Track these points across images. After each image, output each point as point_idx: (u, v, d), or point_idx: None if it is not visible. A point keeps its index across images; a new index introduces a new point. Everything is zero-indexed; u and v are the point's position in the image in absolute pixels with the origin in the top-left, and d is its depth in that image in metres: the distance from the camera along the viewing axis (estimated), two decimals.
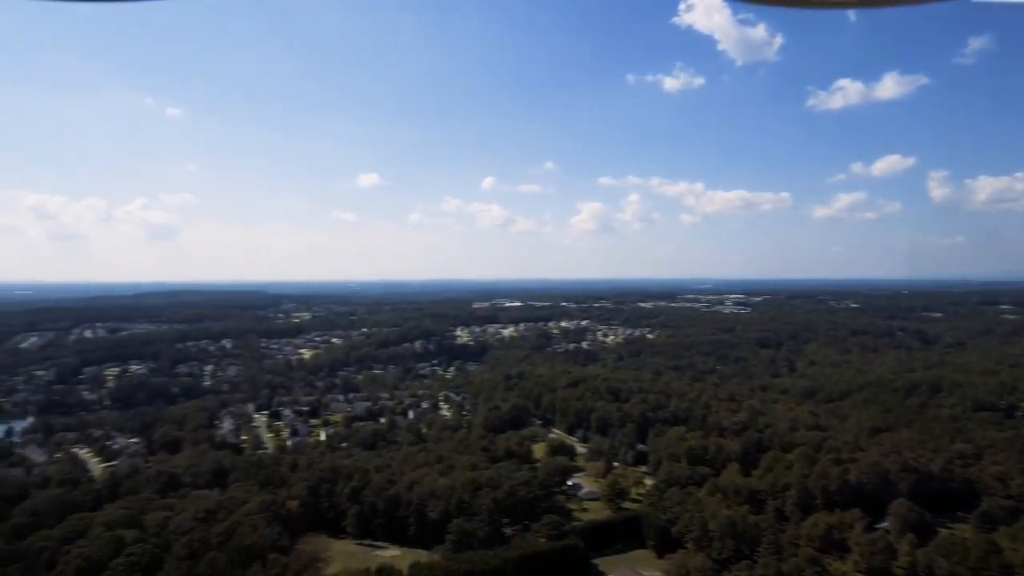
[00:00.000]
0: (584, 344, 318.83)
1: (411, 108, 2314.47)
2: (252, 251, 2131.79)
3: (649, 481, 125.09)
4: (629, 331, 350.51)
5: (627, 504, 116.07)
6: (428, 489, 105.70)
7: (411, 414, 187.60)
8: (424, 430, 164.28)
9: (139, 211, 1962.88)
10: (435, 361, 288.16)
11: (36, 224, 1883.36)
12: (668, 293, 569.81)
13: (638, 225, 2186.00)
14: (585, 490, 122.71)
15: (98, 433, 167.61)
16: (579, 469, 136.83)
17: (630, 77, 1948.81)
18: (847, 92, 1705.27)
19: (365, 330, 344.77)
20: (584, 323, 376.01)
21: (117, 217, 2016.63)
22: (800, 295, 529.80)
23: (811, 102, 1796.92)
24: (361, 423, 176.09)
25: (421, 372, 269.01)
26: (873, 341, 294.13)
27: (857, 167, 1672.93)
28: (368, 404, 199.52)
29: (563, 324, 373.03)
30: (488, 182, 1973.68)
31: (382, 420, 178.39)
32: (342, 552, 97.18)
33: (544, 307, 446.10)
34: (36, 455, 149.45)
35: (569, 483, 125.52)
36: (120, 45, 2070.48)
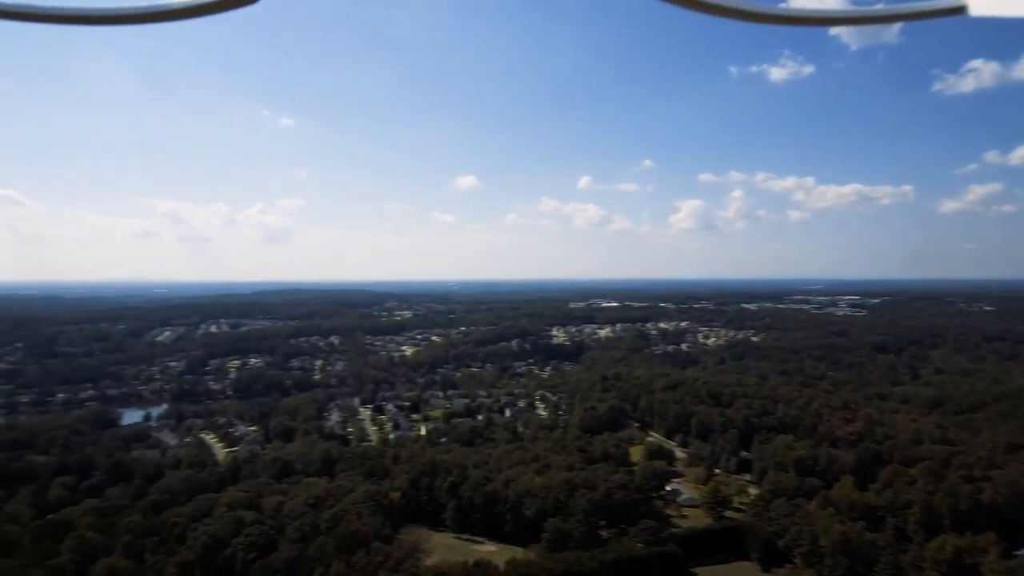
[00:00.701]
0: (683, 346, 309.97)
1: (508, 110, 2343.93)
2: (358, 252, 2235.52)
3: (753, 490, 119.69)
4: (732, 333, 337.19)
5: (729, 513, 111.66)
6: (524, 487, 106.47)
7: (508, 412, 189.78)
8: (520, 428, 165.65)
9: (257, 215, 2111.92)
10: (531, 360, 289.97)
11: (170, 228, 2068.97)
12: (774, 294, 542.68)
13: (741, 223, 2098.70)
14: (684, 496, 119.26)
15: (222, 421, 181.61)
16: (678, 474, 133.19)
17: (732, 69, 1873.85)
18: (980, 74, 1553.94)
19: (463, 328, 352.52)
20: (683, 324, 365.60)
21: (238, 221, 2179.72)
22: (924, 296, 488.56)
23: (937, 86, 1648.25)
24: (459, 419, 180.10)
25: (518, 371, 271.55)
26: (1011, 348, 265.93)
27: (992, 156, 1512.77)
28: (466, 401, 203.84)
29: (661, 325, 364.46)
30: (584, 182, 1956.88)
31: (479, 417, 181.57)
32: (441, 544, 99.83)
33: (641, 307, 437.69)
34: (169, 439, 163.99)
35: (667, 488, 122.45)
36: (240, 62, 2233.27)
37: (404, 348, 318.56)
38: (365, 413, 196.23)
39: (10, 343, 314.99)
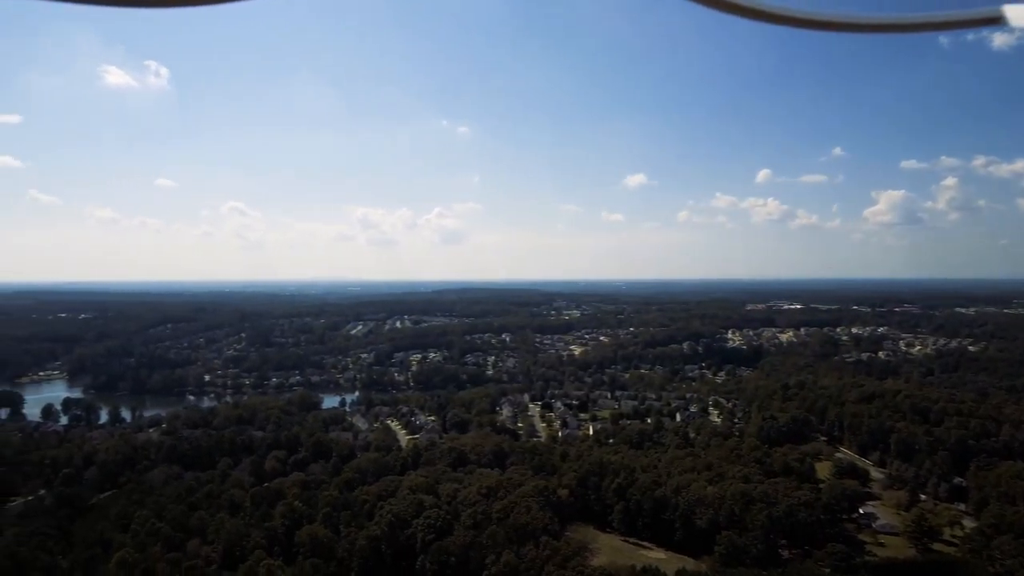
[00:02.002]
0: (881, 354, 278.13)
1: (679, 104, 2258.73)
2: (528, 252, 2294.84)
3: (969, 523, 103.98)
4: (943, 341, 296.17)
5: (937, 546, 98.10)
6: (696, 495, 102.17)
7: (678, 416, 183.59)
8: (692, 434, 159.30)
9: (436, 219, 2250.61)
10: (703, 364, 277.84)
11: (363, 232, 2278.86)
12: (998, 297, 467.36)
13: (956, 215, 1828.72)
14: (881, 522, 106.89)
15: (405, 409, 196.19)
16: (873, 497, 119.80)
17: (943, 39, 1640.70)
18: None
19: (632, 329, 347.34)
20: (881, 330, 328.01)
21: (419, 225, 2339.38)
22: None
23: None
24: (628, 421, 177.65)
25: (689, 374, 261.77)
26: None
27: None
28: (635, 403, 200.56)
29: (854, 330, 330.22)
30: (763, 175, 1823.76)
31: (648, 420, 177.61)
32: (608, 546, 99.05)
33: (830, 310, 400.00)
34: (360, 423, 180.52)
35: (860, 511, 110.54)
36: (420, 76, 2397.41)
37: (572, 347, 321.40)
38: (535, 409, 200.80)
39: (237, 334, 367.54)
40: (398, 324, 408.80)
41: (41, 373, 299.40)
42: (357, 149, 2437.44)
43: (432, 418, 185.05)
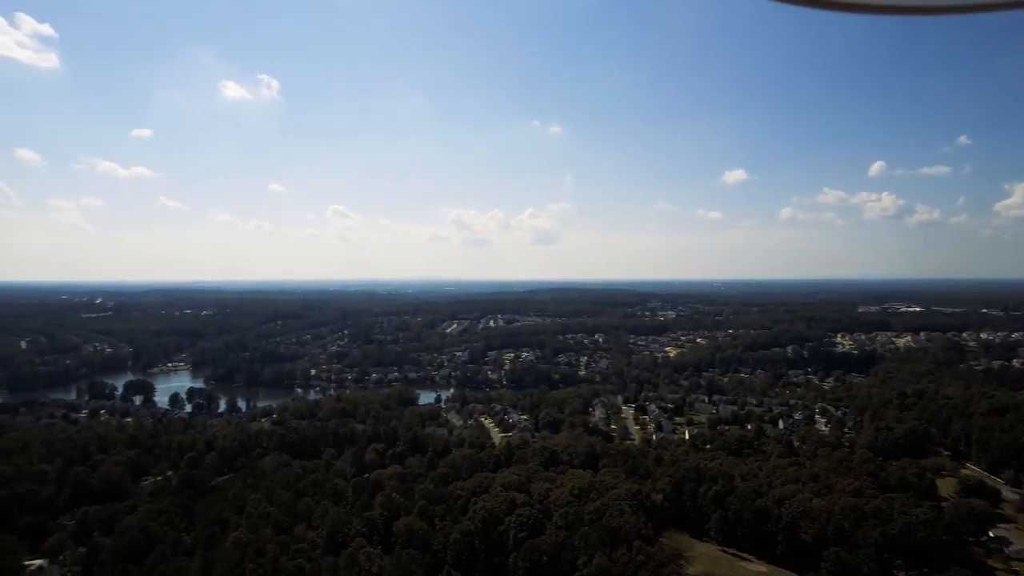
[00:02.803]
0: (1016, 362, 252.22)
1: (781, 96, 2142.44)
2: (621, 252, 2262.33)
3: None
4: None
5: None
6: (800, 508, 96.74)
7: (781, 423, 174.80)
8: (796, 443, 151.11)
9: (528, 219, 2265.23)
10: (809, 369, 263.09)
11: (457, 233, 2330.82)
12: None
13: None
14: (1015, 547, 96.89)
15: (497, 408, 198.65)
16: (1006, 519, 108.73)
17: None
18: None
19: (731, 331, 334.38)
20: (1016, 335, 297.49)
21: (512, 225, 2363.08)
22: None
23: None
24: (726, 427, 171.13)
25: (793, 379, 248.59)
26: None
27: None
28: (734, 408, 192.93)
29: (983, 335, 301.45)
30: (877, 167, 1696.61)
31: (748, 426, 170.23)
32: (704, 555, 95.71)
33: (954, 313, 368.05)
34: (455, 420, 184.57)
35: (990, 534, 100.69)
36: (512, 78, 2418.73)
37: (667, 349, 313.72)
38: (628, 412, 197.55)
39: (340, 330, 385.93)
40: (491, 323, 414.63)
41: (169, 364, 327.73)
42: (451, 152, 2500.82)
43: (524, 417, 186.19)
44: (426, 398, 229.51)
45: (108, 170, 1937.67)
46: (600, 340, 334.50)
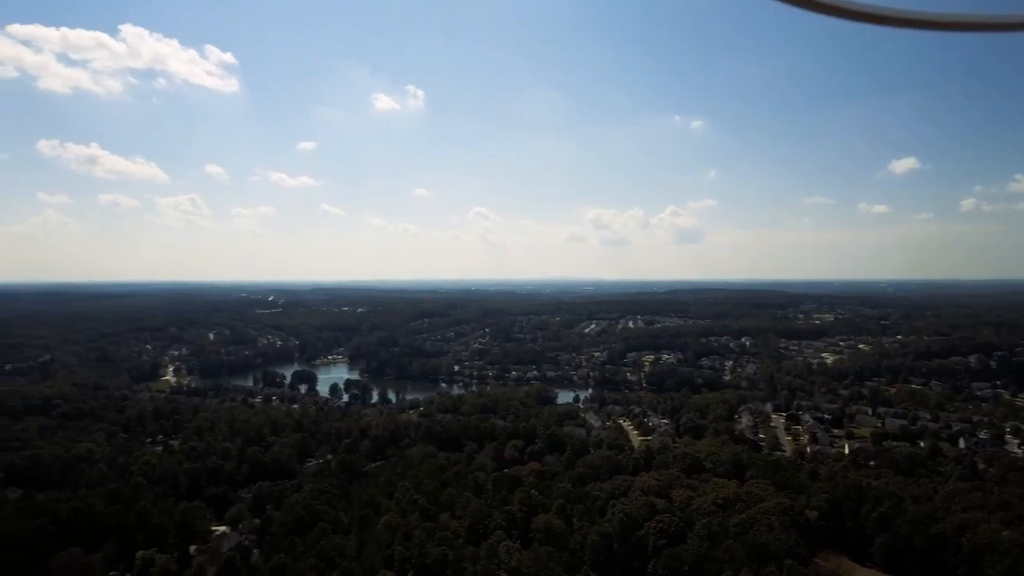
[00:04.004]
0: None
1: (959, 74, 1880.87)
2: (770, 250, 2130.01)
3: None
4: None
5: None
6: (985, 539, 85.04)
7: (961, 442, 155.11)
8: (981, 465, 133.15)
9: (669, 218, 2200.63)
10: (998, 382, 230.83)
11: (595, 233, 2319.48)
12: None
13: None
14: None
15: (637, 410, 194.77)
16: None
17: None
18: None
19: (899, 337, 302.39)
20: None
21: (652, 224, 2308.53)
22: None
23: None
24: (893, 443, 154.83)
25: (977, 393, 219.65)
26: None
27: None
28: (903, 422, 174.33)
29: None
30: None
31: (921, 443, 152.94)
32: None
33: None
34: (593, 420, 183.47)
35: None
36: (651, 72, 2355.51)
37: (824, 355, 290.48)
38: (778, 420, 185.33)
39: (482, 328, 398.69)
40: (631, 324, 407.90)
41: (329, 357, 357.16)
42: (589, 151, 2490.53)
43: (665, 420, 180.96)
44: (564, 397, 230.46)
45: (279, 180, 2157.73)
46: (747, 343, 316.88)
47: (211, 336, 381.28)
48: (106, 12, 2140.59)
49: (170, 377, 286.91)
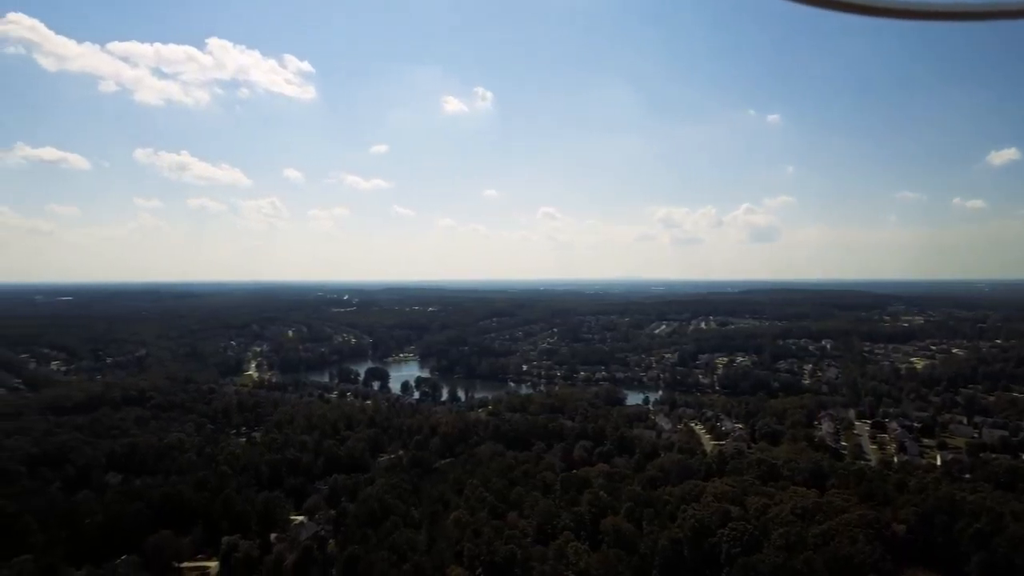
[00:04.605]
0: None
1: None
2: (853, 249, 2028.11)
3: None
4: None
5: None
6: None
7: None
8: None
9: (743, 215, 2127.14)
10: None
11: (665, 232, 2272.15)
12: None
13: None
14: None
15: (709, 413, 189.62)
16: None
17: None
18: None
19: (999, 341, 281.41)
20: None
21: (725, 223, 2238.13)
22: None
23: None
24: (992, 455, 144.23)
25: None
26: None
27: None
28: (1002, 432, 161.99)
29: None
30: None
31: (1023, 456, 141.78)
32: None
33: None
34: (663, 423, 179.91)
35: None
36: (721, 65, 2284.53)
37: (913, 359, 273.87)
38: (862, 428, 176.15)
39: (550, 328, 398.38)
40: (702, 325, 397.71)
41: (400, 355, 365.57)
42: (659, 148, 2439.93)
43: (739, 425, 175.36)
44: (633, 399, 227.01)
45: (353, 183, 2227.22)
46: (827, 346, 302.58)
47: (290, 333, 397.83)
48: (195, 27, 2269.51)
49: (253, 372, 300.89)
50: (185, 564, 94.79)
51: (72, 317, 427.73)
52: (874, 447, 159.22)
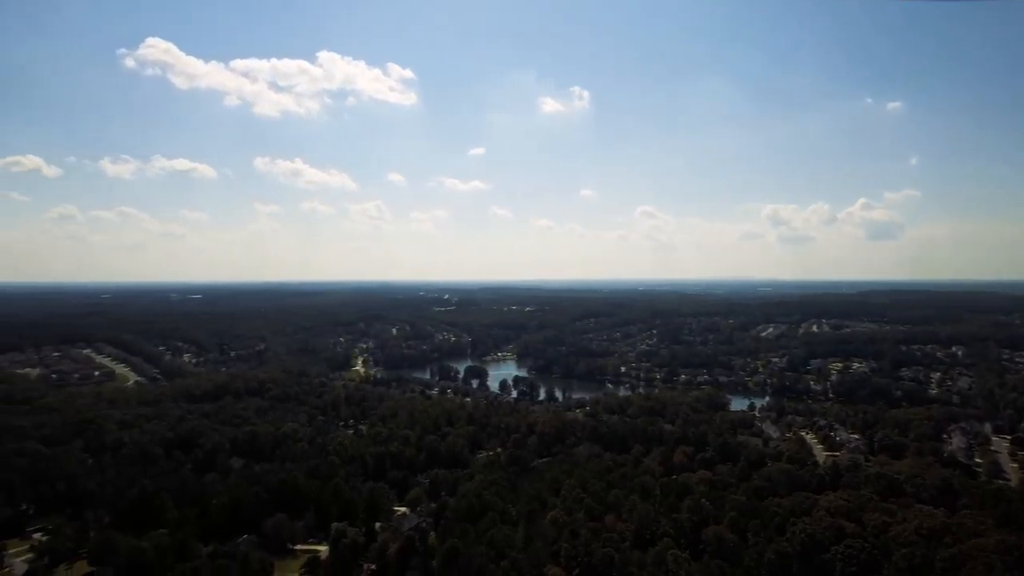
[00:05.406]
0: None
1: None
2: (991, 245, 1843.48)
3: None
4: None
5: None
6: None
7: None
8: None
9: (860, 211, 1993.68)
10: None
11: (772, 230, 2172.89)
12: None
13: None
14: None
15: (822, 422, 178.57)
16: None
17: None
18: None
19: None
20: None
21: (839, 219, 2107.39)
22: None
23: None
24: None
25: None
26: None
27: None
28: None
29: None
30: None
31: None
32: None
33: None
34: (771, 430, 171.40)
35: None
36: (833, 53, 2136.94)
37: None
38: (1000, 444, 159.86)
39: (649, 330, 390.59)
40: (814, 328, 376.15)
41: (499, 354, 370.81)
42: (765, 143, 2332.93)
43: (856, 436, 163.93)
44: (738, 404, 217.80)
45: (452, 186, 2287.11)
46: (959, 353, 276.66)
47: (394, 331, 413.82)
48: (307, 42, 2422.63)
49: (359, 367, 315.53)
50: (298, 546, 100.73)
51: (201, 314, 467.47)
52: (1015, 466, 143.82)
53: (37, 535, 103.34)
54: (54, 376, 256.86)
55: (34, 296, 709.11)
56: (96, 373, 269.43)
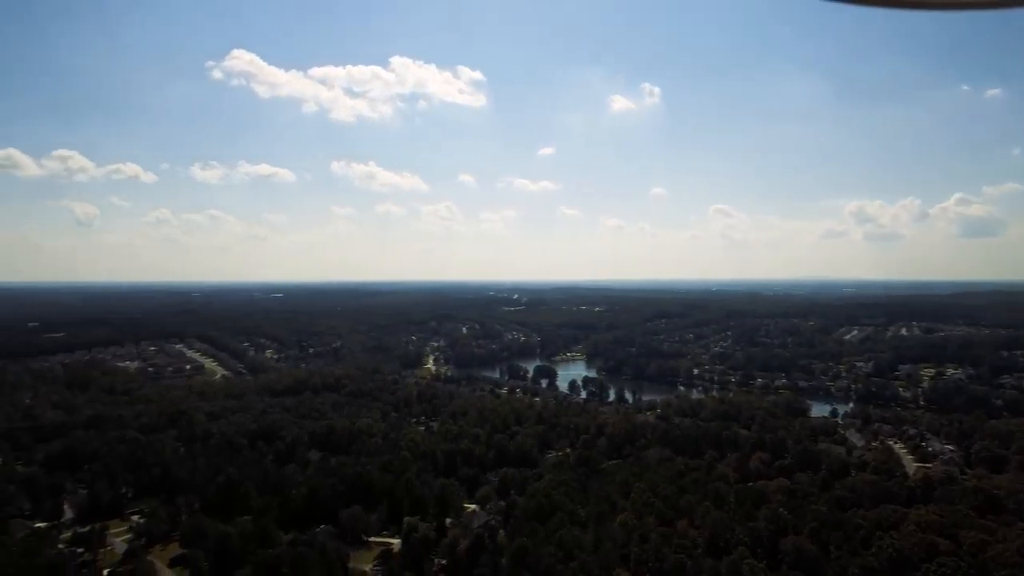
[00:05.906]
0: None
1: None
2: None
3: None
4: None
5: None
6: None
7: None
8: None
9: (955, 207, 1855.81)
10: None
11: (857, 227, 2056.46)
12: None
13: None
14: None
15: (912, 431, 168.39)
16: None
17: None
18: None
19: None
20: None
21: (931, 215, 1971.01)
22: None
23: None
24: None
25: None
26: None
27: None
28: None
29: None
30: None
31: None
32: None
33: None
34: (855, 439, 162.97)
35: None
36: (921, 33, 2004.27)
37: None
38: None
39: (723, 331, 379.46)
40: (903, 331, 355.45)
41: (568, 354, 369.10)
42: (848, 135, 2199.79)
43: (950, 447, 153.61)
44: (818, 410, 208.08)
45: (521, 186, 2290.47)
46: None
47: (464, 330, 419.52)
48: (381, 47, 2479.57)
49: (430, 365, 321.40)
50: (372, 539, 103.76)
51: (282, 312, 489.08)
52: None
53: (135, 517, 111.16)
54: (151, 369, 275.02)
55: (132, 294, 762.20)
56: (188, 367, 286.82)
